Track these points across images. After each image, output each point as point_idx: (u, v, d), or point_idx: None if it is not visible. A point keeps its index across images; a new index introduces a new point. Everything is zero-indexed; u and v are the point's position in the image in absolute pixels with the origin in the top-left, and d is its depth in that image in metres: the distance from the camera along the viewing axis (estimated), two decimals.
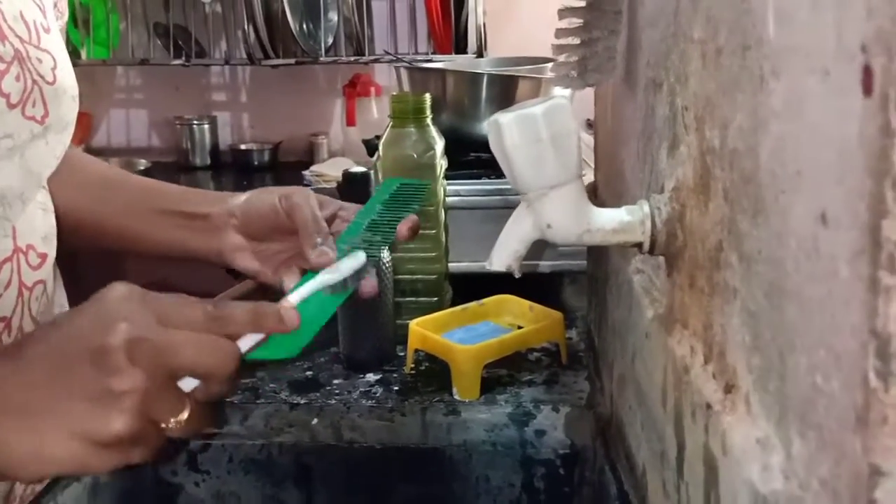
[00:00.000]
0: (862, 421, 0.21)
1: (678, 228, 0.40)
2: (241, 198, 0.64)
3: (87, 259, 0.69)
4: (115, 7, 2.05)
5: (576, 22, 0.54)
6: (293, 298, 0.47)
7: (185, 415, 0.40)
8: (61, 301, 0.61)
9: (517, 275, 0.44)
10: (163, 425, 0.40)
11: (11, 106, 0.51)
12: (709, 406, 0.34)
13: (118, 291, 0.41)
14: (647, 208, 0.42)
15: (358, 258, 0.53)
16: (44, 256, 0.56)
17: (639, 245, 0.42)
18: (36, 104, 0.53)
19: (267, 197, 0.61)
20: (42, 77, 0.53)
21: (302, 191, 0.61)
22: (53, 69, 0.55)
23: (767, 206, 0.28)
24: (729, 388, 0.33)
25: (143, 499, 0.70)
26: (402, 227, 0.57)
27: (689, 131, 0.38)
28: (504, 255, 0.43)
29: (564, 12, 0.55)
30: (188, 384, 0.41)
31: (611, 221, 0.42)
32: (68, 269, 0.64)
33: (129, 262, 1.77)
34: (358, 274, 0.53)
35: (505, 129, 0.41)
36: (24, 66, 0.52)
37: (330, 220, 0.60)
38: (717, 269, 0.34)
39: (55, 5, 0.59)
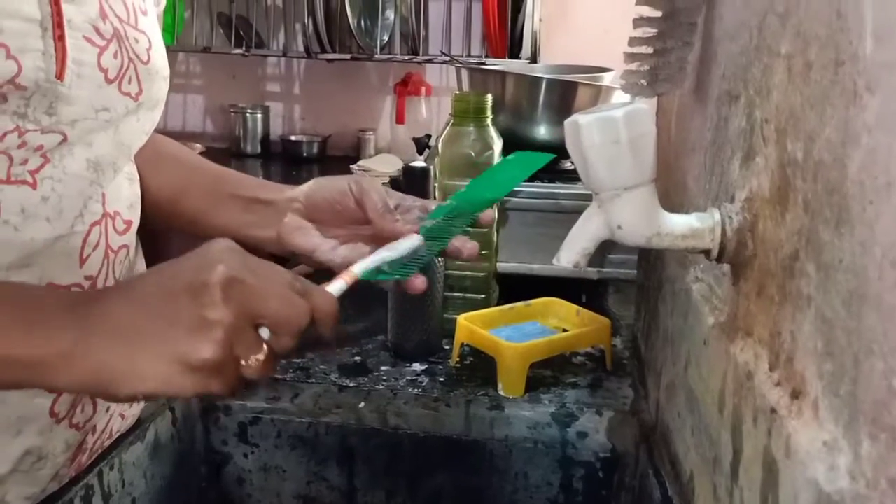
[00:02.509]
0: None
1: (749, 237, 0.41)
2: (307, 185, 0.66)
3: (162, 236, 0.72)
4: None
5: (650, 31, 0.55)
6: (356, 269, 0.52)
7: (260, 356, 0.45)
8: (140, 268, 0.64)
9: (582, 273, 0.46)
10: (242, 362, 0.44)
11: (109, 81, 0.54)
12: (773, 411, 0.35)
13: (221, 243, 0.46)
14: (717, 216, 0.43)
15: (414, 239, 0.56)
16: (129, 223, 0.59)
17: (706, 252, 0.43)
18: (131, 81, 0.56)
19: (337, 181, 0.63)
20: (138, 56, 0.56)
21: (371, 180, 0.63)
22: (148, 49, 0.57)
23: (853, 216, 0.29)
24: (796, 394, 0.33)
25: (195, 463, 0.73)
26: (462, 243, 0.60)
27: (769, 143, 0.39)
28: (573, 252, 0.44)
29: (639, 21, 0.56)
30: (264, 334, 0.46)
31: (681, 227, 0.43)
32: (147, 242, 0.66)
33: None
34: (417, 254, 0.55)
35: (584, 130, 0.42)
36: (122, 45, 0.55)
37: (394, 209, 0.62)
38: (791, 277, 0.35)
39: None
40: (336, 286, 0.50)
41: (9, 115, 0.48)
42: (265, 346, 0.45)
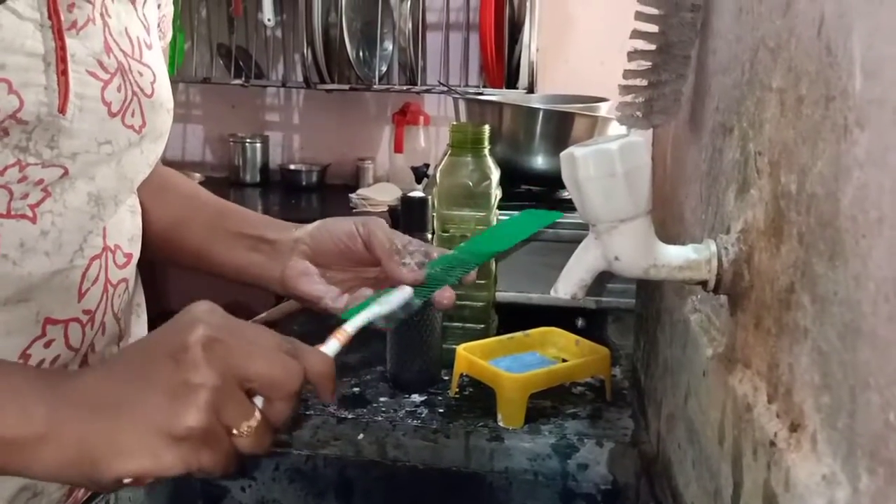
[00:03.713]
0: None
1: (745, 269, 0.41)
2: (312, 225, 0.66)
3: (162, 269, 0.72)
4: (182, 27, 2.13)
5: (645, 64, 0.56)
6: (349, 328, 0.50)
7: (252, 423, 0.42)
8: (139, 300, 0.64)
9: (580, 302, 0.46)
10: (234, 431, 0.42)
11: (112, 114, 0.54)
12: (772, 444, 0.35)
13: (201, 306, 0.44)
14: (713, 247, 0.43)
15: (405, 291, 0.56)
16: (129, 256, 0.59)
17: (703, 283, 0.43)
18: (135, 114, 0.56)
19: (343, 223, 0.63)
20: (142, 90, 0.57)
21: (377, 220, 0.63)
22: (153, 83, 0.58)
23: (847, 249, 0.29)
24: (794, 427, 0.33)
25: (192, 497, 0.72)
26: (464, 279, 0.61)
27: (762, 175, 0.39)
28: (570, 284, 0.45)
29: (634, 55, 0.56)
30: (257, 402, 0.43)
31: (677, 258, 0.43)
32: (147, 275, 0.66)
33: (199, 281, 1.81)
34: (407, 306, 0.55)
35: (580, 162, 0.42)
36: (126, 79, 0.55)
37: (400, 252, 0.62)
38: (787, 309, 0.35)
39: (159, 25, 0.63)
40: (330, 346, 0.47)
41: (10, 148, 0.48)
42: (258, 413, 0.42)
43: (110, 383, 0.42)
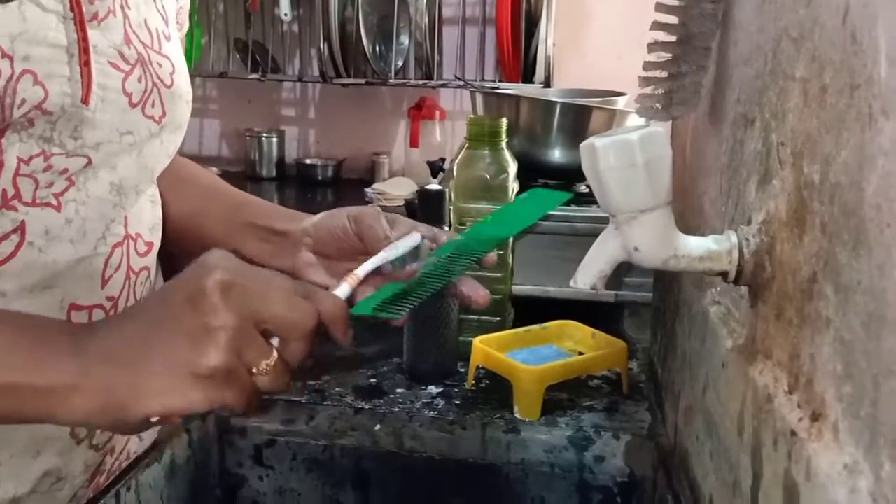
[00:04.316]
0: None
1: (766, 260, 0.41)
2: (315, 218, 0.66)
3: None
4: (199, 22, 2.14)
5: (664, 56, 0.56)
6: (360, 272, 0.52)
7: (270, 361, 0.44)
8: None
9: (597, 295, 0.46)
10: (253, 370, 0.43)
11: (133, 105, 0.55)
12: (793, 433, 0.35)
13: (215, 253, 0.45)
14: (734, 238, 0.43)
15: (414, 237, 0.56)
16: (150, 245, 0.60)
17: (724, 274, 0.43)
18: (155, 105, 0.57)
19: (337, 218, 0.63)
20: (161, 80, 0.57)
21: (371, 211, 0.62)
22: (172, 74, 0.59)
23: (871, 238, 0.29)
24: (816, 417, 0.33)
25: (211, 485, 0.73)
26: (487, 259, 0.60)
27: (785, 166, 0.39)
28: (589, 275, 0.45)
29: (654, 46, 0.56)
30: (274, 343, 0.45)
31: (698, 249, 0.43)
32: (166, 265, 0.67)
33: None
34: (415, 252, 0.56)
35: (600, 153, 0.42)
36: (146, 70, 0.56)
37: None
38: (810, 300, 0.35)
39: (176, 17, 0.64)
40: (342, 289, 0.49)
41: (35, 139, 0.49)
42: (275, 352, 0.44)
43: (134, 331, 0.43)
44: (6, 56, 0.46)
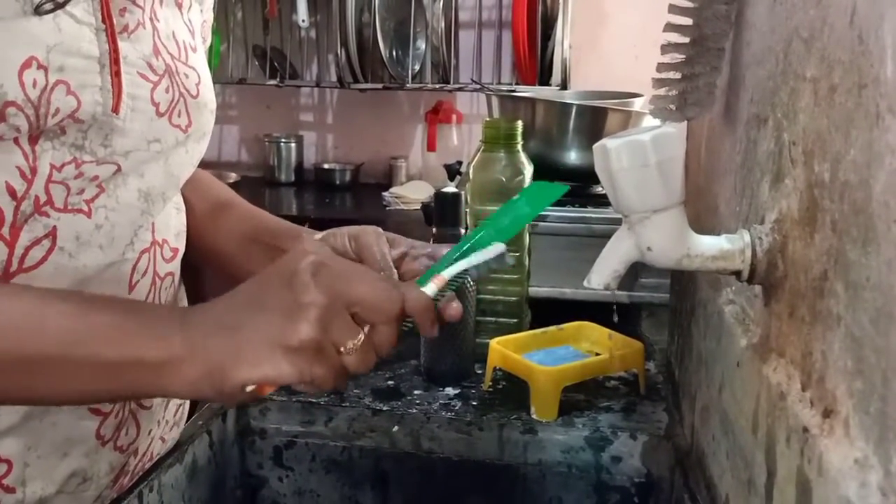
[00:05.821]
0: None
1: (779, 259, 0.41)
2: (317, 236, 0.66)
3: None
4: (217, 30, 2.17)
5: (678, 57, 0.56)
6: (446, 274, 0.52)
7: (357, 342, 0.46)
8: (181, 295, 0.66)
9: (614, 296, 0.46)
10: (341, 349, 0.46)
11: (160, 114, 0.56)
12: (805, 430, 0.35)
13: (310, 241, 0.51)
14: (747, 237, 0.43)
15: (498, 247, 0.55)
16: (175, 251, 0.62)
17: (737, 273, 0.44)
18: (181, 114, 0.58)
19: (338, 238, 0.62)
20: (188, 91, 0.59)
21: (371, 231, 0.62)
22: (197, 84, 0.60)
23: (879, 235, 0.29)
24: (827, 413, 0.34)
25: (232, 486, 0.74)
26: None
27: (797, 165, 0.39)
28: (603, 274, 0.45)
29: (668, 48, 0.57)
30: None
31: (711, 248, 0.43)
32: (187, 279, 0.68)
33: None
34: (500, 258, 0.55)
35: (613, 154, 0.43)
36: (174, 80, 0.57)
37: (399, 259, 0.61)
38: (821, 297, 0.35)
39: (201, 29, 0.65)
40: (429, 288, 0.51)
41: (67, 146, 0.51)
42: (362, 334, 0.47)
43: (232, 308, 0.47)
44: (41, 67, 0.47)
